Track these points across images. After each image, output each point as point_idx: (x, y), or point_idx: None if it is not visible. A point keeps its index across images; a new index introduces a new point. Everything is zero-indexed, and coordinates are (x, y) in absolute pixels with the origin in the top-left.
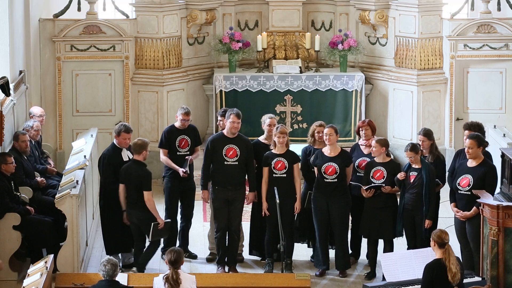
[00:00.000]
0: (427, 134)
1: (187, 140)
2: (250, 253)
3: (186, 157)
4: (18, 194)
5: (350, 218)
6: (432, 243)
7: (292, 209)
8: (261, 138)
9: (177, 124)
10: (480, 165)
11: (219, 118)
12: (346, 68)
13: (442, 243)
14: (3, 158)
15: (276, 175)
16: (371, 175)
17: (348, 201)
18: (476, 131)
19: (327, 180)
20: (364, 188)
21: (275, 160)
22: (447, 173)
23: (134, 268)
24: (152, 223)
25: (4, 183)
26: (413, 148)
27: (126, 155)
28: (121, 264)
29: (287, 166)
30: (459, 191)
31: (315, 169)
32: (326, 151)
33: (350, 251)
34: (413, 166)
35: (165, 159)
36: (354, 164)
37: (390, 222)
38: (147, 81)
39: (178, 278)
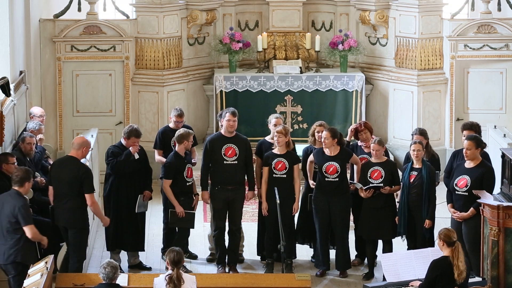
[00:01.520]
0: (423, 133)
1: None
2: (262, 259)
3: (193, 161)
4: None
5: (352, 218)
6: (440, 242)
7: (292, 210)
8: (268, 138)
9: (172, 124)
10: (477, 166)
11: (219, 122)
12: (347, 69)
13: (451, 242)
14: (5, 157)
15: (276, 175)
16: (368, 175)
17: (349, 201)
18: (477, 131)
19: (328, 180)
20: (364, 189)
21: (275, 160)
22: (442, 173)
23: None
24: (170, 210)
25: (4, 183)
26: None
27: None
28: (127, 264)
29: (288, 166)
30: (456, 192)
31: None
32: (326, 150)
33: (356, 253)
34: (414, 166)
35: (160, 159)
36: None
37: (389, 223)
38: (147, 81)
39: (181, 277)
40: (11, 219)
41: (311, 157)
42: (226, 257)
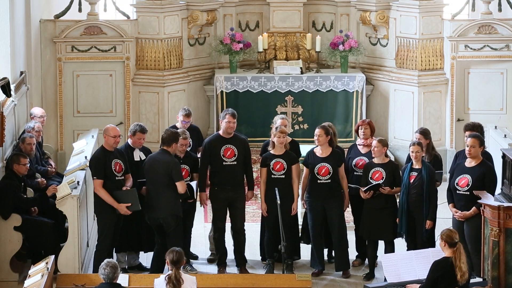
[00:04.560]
0: (423, 132)
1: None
2: (263, 259)
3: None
4: (26, 196)
5: (352, 219)
6: (442, 242)
7: (291, 210)
8: None
9: (179, 124)
10: (478, 165)
11: (220, 123)
12: (347, 69)
13: (452, 243)
14: (17, 158)
15: (275, 176)
16: (370, 176)
17: (343, 201)
18: (480, 132)
19: (321, 181)
20: (363, 190)
21: (273, 161)
22: (446, 174)
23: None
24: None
25: (15, 182)
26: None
27: (138, 155)
28: (126, 266)
29: (286, 167)
30: (458, 191)
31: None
32: (318, 151)
33: (356, 254)
34: (414, 166)
35: None
36: (352, 163)
37: (389, 223)
38: (148, 82)
39: (180, 278)
40: (166, 175)
41: (306, 171)
42: (227, 258)
